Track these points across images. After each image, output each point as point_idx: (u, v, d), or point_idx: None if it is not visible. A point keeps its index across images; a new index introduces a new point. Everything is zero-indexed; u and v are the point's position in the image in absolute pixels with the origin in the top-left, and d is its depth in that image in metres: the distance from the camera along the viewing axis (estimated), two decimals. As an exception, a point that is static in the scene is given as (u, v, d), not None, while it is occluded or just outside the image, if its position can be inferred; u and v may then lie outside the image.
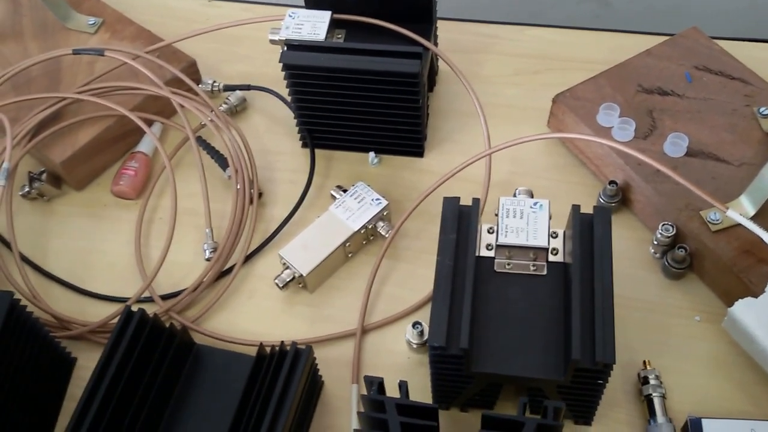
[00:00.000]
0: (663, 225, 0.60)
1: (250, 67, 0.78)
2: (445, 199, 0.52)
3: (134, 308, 0.53)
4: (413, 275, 0.63)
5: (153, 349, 0.52)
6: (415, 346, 0.58)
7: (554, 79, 0.75)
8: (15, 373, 0.51)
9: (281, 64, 0.63)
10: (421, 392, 0.56)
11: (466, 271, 0.48)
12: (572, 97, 0.67)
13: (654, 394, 0.54)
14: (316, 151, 0.70)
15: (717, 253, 0.57)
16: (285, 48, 0.63)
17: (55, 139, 0.67)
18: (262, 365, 0.51)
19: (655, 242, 0.61)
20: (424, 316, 0.60)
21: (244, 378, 0.51)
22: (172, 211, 0.63)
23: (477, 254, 0.51)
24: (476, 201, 0.52)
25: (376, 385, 0.42)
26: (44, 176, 0.68)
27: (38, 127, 0.67)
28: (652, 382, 0.54)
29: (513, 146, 0.62)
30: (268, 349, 0.52)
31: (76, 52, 0.70)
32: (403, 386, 0.42)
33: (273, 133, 0.74)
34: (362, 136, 0.69)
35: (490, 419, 0.41)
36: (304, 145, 0.72)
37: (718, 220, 0.58)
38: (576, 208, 0.51)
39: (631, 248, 0.63)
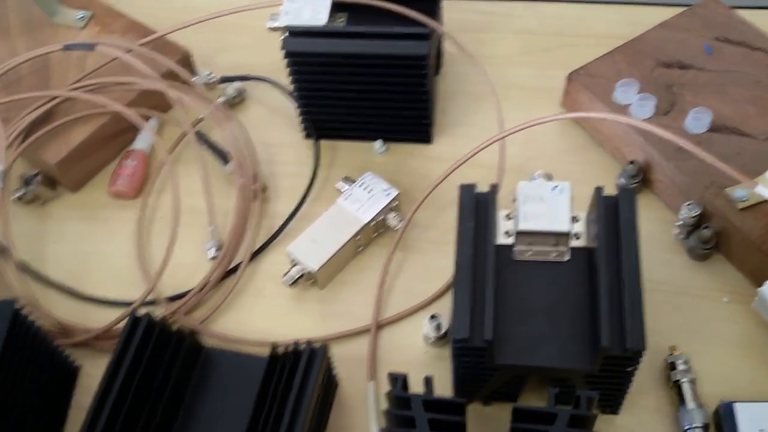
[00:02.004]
0: (687, 205, 0.57)
1: (246, 56, 0.75)
2: (461, 186, 0.49)
3: (139, 312, 0.50)
4: (426, 267, 0.60)
5: (161, 354, 0.49)
6: (432, 339, 0.55)
7: (566, 57, 0.72)
8: (20, 384, 0.48)
9: (279, 53, 0.61)
10: (442, 387, 0.54)
11: (486, 260, 0.46)
12: (587, 75, 0.64)
13: (683, 380, 0.52)
14: (320, 141, 0.68)
15: (744, 231, 0.55)
16: (286, 35, 0.60)
17: (49, 139, 0.64)
18: (276, 366, 0.49)
19: (680, 223, 0.58)
20: (439, 309, 0.58)
21: (257, 381, 0.48)
22: (174, 210, 0.60)
23: (496, 242, 0.48)
24: (494, 187, 0.49)
25: (400, 381, 0.40)
26: (38, 178, 0.65)
27: (30, 128, 0.65)
28: (680, 367, 0.52)
29: (526, 128, 0.59)
30: (280, 350, 0.50)
31: (66, 48, 0.67)
32: (429, 382, 0.39)
33: (273, 124, 0.71)
34: (368, 123, 0.66)
35: (521, 412, 0.39)
36: (307, 136, 0.69)
37: (744, 198, 0.56)
38: (599, 190, 0.48)
39: (654, 230, 0.60)
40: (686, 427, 0.50)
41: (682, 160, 0.58)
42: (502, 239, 0.50)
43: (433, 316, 0.55)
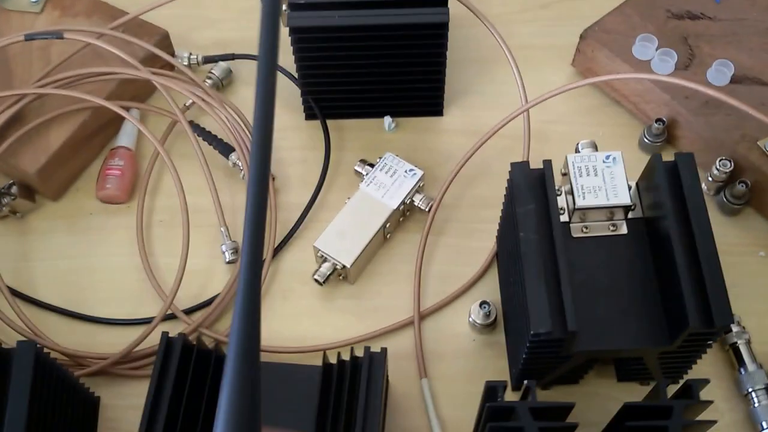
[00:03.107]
0: (720, 160, 0.56)
1: (225, 32, 0.69)
2: (514, 165, 0.46)
3: (157, 330, 0.45)
4: (460, 249, 0.57)
5: (202, 377, 0.45)
6: (479, 326, 0.53)
7: (566, 12, 0.69)
8: (48, 427, 0.43)
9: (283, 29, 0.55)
10: (494, 375, 0.52)
11: (555, 243, 0.43)
12: (602, 31, 0.61)
13: (739, 341, 0.51)
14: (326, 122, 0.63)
15: (779, 183, 0.54)
16: (288, 10, 0.54)
17: (23, 145, 0.57)
18: (332, 375, 0.45)
19: (710, 179, 0.57)
20: (482, 293, 0.55)
21: (312, 392, 0.44)
22: (182, 211, 0.55)
23: (566, 220, 0.45)
24: (548, 163, 0.46)
25: (501, 390, 0.37)
26: (14, 189, 0.58)
27: (-2, 133, 0.57)
28: (734, 329, 0.51)
29: (541, 92, 0.56)
30: (333, 357, 0.46)
31: (29, 38, 0.59)
32: (530, 388, 0.37)
33: (268, 106, 0.65)
34: (376, 99, 0.61)
35: (632, 408, 0.37)
36: (309, 117, 0.64)
37: (778, 148, 0.55)
38: (657, 157, 0.46)
39: (685, 189, 0.59)
40: (749, 389, 0.49)
41: (710, 114, 0.57)
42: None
43: (483, 303, 0.52)
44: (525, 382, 0.38)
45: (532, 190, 0.45)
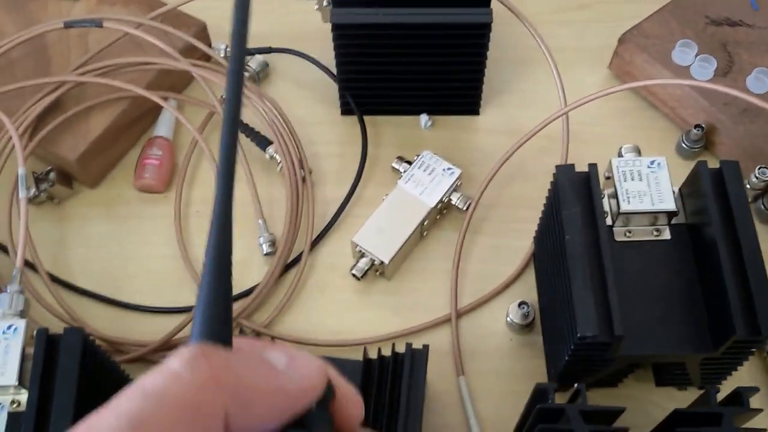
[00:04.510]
0: (759, 168, 0.56)
1: (263, 25, 0.69)
2: (559, 167, 0.46)
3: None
4: (496, 248, 0.58)
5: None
6: (517, 326, 0.53)
7: (601, 14, 0.69)
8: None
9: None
10: (530, 375, 0.52)
11: (601, 246, 0.43)
12: (641, 36, 0.61)
13: (774, 349, 0.51)
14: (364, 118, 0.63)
15: (815, 192, 0.54)
16: (331, 6, 0.54)
17: (62, 131, 0.57)
18: (372, 372, 0.45)
19: (748, 186, 0.57)
20: (518, 293, 0.55)
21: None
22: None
23: (609, 224, 0.45)
24: (593, 166, 0.46)
25: (552, 392, 0.37)
26: (52, 176, 0.58)
27: (38, 120, 0.57)
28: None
29: (579, 95, 0.56)
30: (374, 353, 0.46)
31: (68, 26, 0.59)
32: (581, 389, 0.37)
33: (303, 100, 0.65)
34: (414, 97, 0.61)
35: (682, 415, 0.37)
36: (345, 113, 0.64)
37: (815, 157, 0.55)
38: (703, 164, 0.46)
39: (721, 195, 0.59)
40: (785, 396, 0.50)
41: (749, 122, 0.57)
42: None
43: (522, 304, 0.52)
44: (575, 385, 0.38)
45: (576, 192, 0.46)
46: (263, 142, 0.60)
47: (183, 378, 0.18)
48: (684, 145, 0.60)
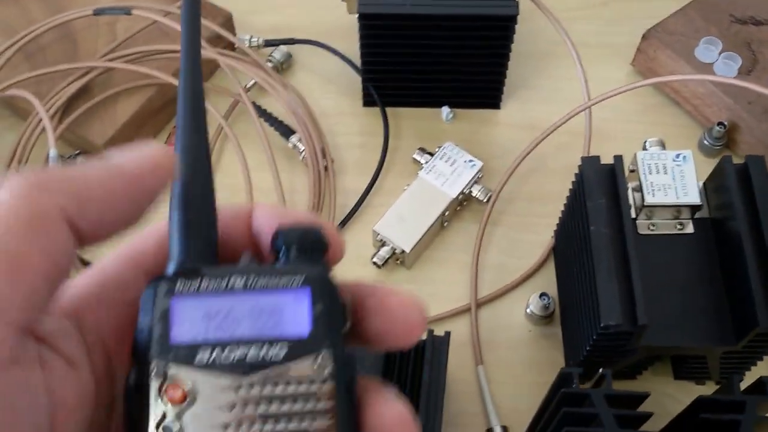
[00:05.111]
0: (782, 166, 0.56)
1: (285, 17, 0.69)
2: (584, 159, 0.47)
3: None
4: (515, 241, 0.58)
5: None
6: (537, 317, 0.53)
7: (623, 11, 0.70)
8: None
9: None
10: (549, 366, 0.52)
11: (626, 237, 0.43)
12: (665, 32, 0.62)
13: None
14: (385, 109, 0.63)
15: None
16: (357, -6, 0.55)
17: (91, 116, 0.58)
18: (394, 358, 0.46)
19: (769, 184, 0.57)
20: (537, 286, 0.56)
21: (375, 375, 0.45)
22: (247, 188, 0.56)
23: (632, 217, 0.46)
24: (618, 158, 0.46)
25: (577, 377, 0.37)
26: (79, 159, 0.59)
27: (67, 104, 0.58)
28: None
29: (602, 91, 0.56)
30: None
31: (97, 13, 0.60)
32: (606, 375, 0.37)
33: (325, 91, 0.66)
34: (436, 89, 0.62)
35: (705, 402, 0.37)
36: (366, 104, 0.64)
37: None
38: (728, 158, 0.46)
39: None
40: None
41: (772, 120, 0.57)
42: (619, 212, 0.47)
43: (542, 295, 0.52)
44: (600, 370, 0.38)
45: (602, 184, 0.46)
46: (287, 131, 0.60)
47: (4, 198, 0.17)
48: (706, 143, 0.60)
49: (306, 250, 0.20)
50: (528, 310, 0.53)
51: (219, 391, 0.19)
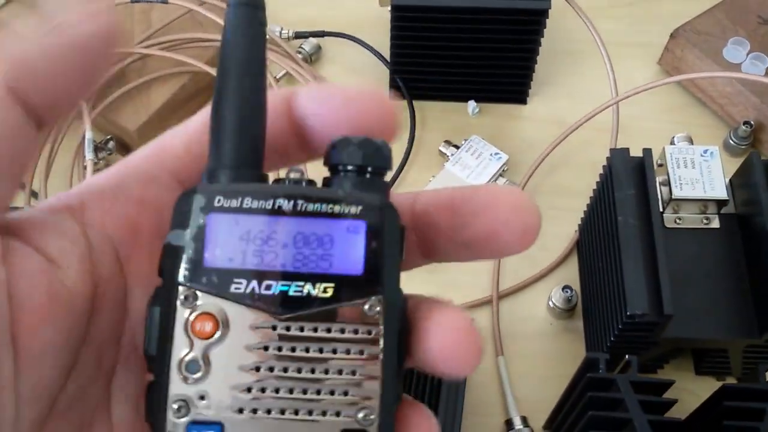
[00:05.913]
0: (808, 166, 0.56)
1: (314, 10, 0.70)
2: (613, 151, 0.47)
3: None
4: (539, 233, 0.58)
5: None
6: (559, 310, 0.54)
7: (650, 10, 0.70)
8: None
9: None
10: (570, 358, 0.53)
11: (653, 229, 0.44)
12: (693, 32, 0.62)
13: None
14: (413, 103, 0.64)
15: None
16: (391, -13, 0.56)
17: (124, 102, 0.59)
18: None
19: (795, 185, 0.57)
20: (560, 279, 0.56)
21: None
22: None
23: (661, 210, 0.46)
24: (648, 151, 0.47)
25: (603, 363, 0.38)
26: (111, 145, 0.60)
27: (101, 90, 0.59)
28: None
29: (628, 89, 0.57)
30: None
31: (134, 1, 0.61)
32: (632, 361, 0.38)
33: (353, 84, 0.67)
34: (463, 83, 0.62)
35: (730, 390, 0.37)
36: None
37: None
38: (755, 154, 0.47)
39: None
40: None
41: (799, 121, 0.57)
42: (646, 206, 0.48)
43: (566, 287, 0.53)
44: (626, 356, 0.39)
45: (630, 176, 0.46)
46: (315, 121, 0.61)
47: None
48: (732, 142, 0.60)
49: (365, 172, 0.18)
50: (550, 303, 0.54)
51: (253, 328, 0.17)
